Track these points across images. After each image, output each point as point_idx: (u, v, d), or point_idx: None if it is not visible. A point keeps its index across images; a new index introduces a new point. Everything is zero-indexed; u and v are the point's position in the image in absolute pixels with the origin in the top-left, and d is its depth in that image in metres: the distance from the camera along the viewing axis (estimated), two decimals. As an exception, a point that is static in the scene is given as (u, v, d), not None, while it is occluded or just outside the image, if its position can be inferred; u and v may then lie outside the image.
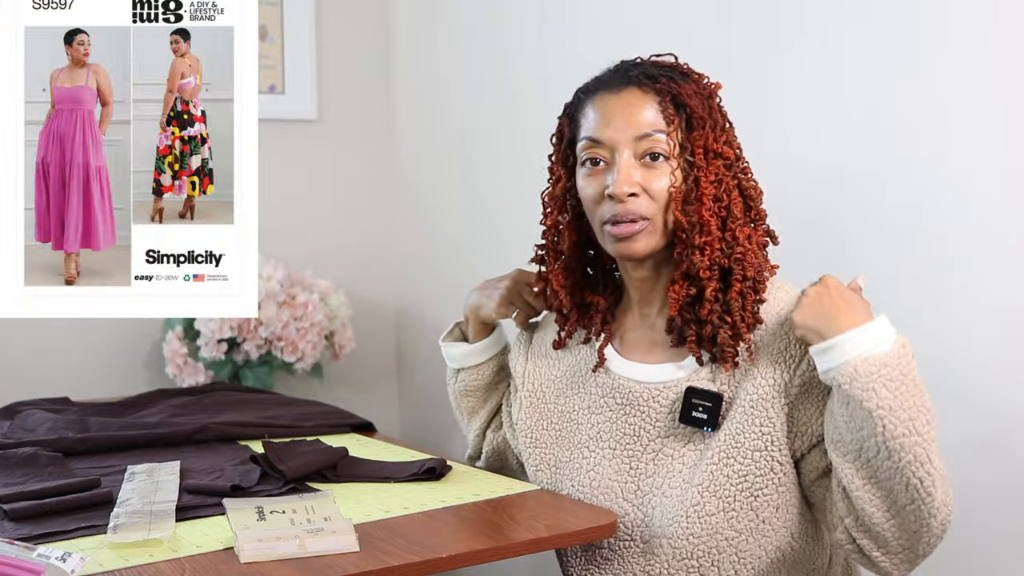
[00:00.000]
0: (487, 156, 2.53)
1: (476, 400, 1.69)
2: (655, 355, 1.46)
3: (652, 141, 1.38)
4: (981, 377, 1.60)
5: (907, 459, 1.23)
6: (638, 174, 1.38)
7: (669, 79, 1.41)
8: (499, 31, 2.48)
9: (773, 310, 1.39)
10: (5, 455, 1.66)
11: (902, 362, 1.24)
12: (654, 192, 1.38)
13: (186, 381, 2.42)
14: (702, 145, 1.38)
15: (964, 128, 1.60)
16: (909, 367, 1.25)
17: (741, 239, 1.37)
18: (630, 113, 1.39)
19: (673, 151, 1.38)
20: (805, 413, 1.35)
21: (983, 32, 1.58)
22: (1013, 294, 1.55)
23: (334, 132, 2.77)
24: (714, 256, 1.37)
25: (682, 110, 1.39)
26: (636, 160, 1.38)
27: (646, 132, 1.38)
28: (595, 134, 1.41)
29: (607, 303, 1.51)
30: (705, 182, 1.37)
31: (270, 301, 2.42)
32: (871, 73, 1.71)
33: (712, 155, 1.39)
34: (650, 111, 1.39)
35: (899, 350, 1.25)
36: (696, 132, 1.39)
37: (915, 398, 1.24)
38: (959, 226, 1.61)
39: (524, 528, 1.38)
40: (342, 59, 2.77)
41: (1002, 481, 1.58)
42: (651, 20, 2.07)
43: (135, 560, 1.25)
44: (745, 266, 1.37)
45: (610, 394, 1.47)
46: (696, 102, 1.39)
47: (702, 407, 1.36)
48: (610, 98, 1.41)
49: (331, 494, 1.48)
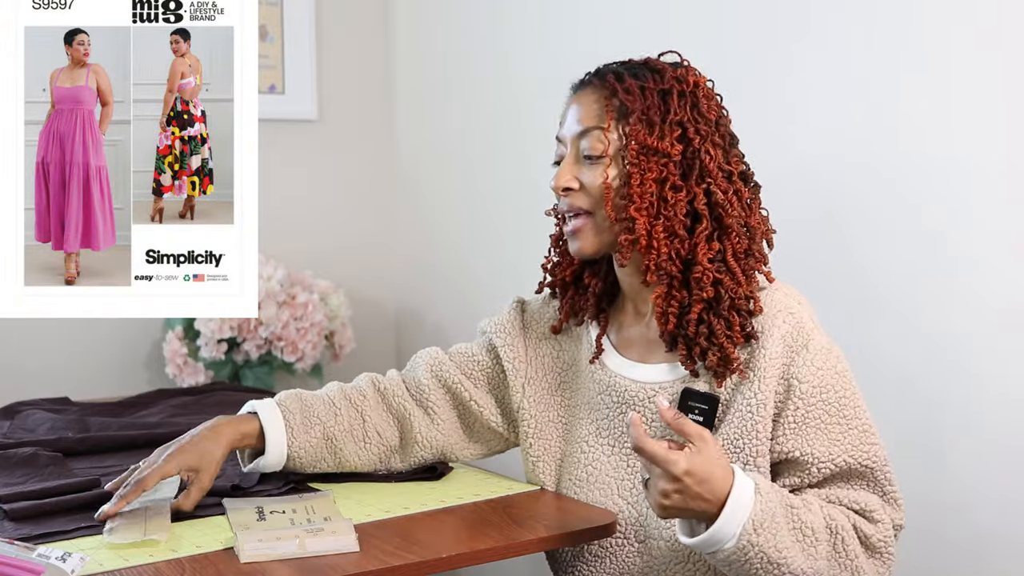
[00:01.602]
0: (487, 156, 2.53)
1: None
2: (652, 355, 1.45)
3: (588, 138, 1.41)
4: (982, 377, 1.60)
5: None
6: (577, 169, 1.42)
7: (618, 76, 1.41)
8: (499, 31, 2.48)
9: (770, 322, 1.37)
10: (5, 455, 1.66)
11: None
12: (588, 188, 1.41)
13: (186, 381, 2.42)
14: (636, 140, 1.38)
15: (966, 128, 1.60)
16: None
17: (700, 256, 1.36)
18: (577, 111, 1.44)
19: (607, 148, 1.40)
20: (779, 432, 1.36)
21: (985, 31, 1.57)
22: (1015, 294, 1.55)
23: (334, 132, 2.77)
24: (659, 261, 1.37)
25: (621, 105, 1.40)
26: (578, 158, 1.42)
27: (584, 129, 1.42)
28: (558, 133, 1.47)
29: (603, 287, 1.51)
30: (636, 179, 1.37)
31: (270, 301, 2.42)
32: (873, 73, 1.71)
33: (649, 151, 1.38)
34: (593, 108, 1.42)
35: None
36: (631, 128, 1.39)
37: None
38: (960, 226, 1.61)
39: (524, 528, 1.38)
40: (342, 59, 2.77)
41: (1003, 481, 1.58)
42: (651, 20, 2.07)
43: (135, 560, 1.25)
44: (702, 284, 1.36)
45: (607, 391, 1.47)
46: (635, 97, 1.39)
47: (699, 409, 1.36)
48: (571, 98, 1.47)
49: (331, 494, 1.48)
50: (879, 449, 1.36)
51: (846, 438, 1.34)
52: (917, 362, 1.67)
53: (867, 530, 1.33)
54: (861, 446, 1.35)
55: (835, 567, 1.29)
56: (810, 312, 1.41)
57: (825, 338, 1.37)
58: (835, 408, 1.35)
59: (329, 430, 1.53)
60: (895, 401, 1.69)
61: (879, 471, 1.36)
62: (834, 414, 1.34)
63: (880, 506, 1.35)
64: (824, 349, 1.36)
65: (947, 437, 1.64)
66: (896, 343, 1.69)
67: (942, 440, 1.65)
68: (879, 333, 1.71)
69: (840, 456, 1.34)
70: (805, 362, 1.34)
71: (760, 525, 1.24)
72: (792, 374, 1.34)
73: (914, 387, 1.67)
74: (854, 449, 1.34)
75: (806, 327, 1.36)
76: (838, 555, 1.30)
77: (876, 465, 1.35)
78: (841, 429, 1.34)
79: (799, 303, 1.40)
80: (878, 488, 1.36)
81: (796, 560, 1.26)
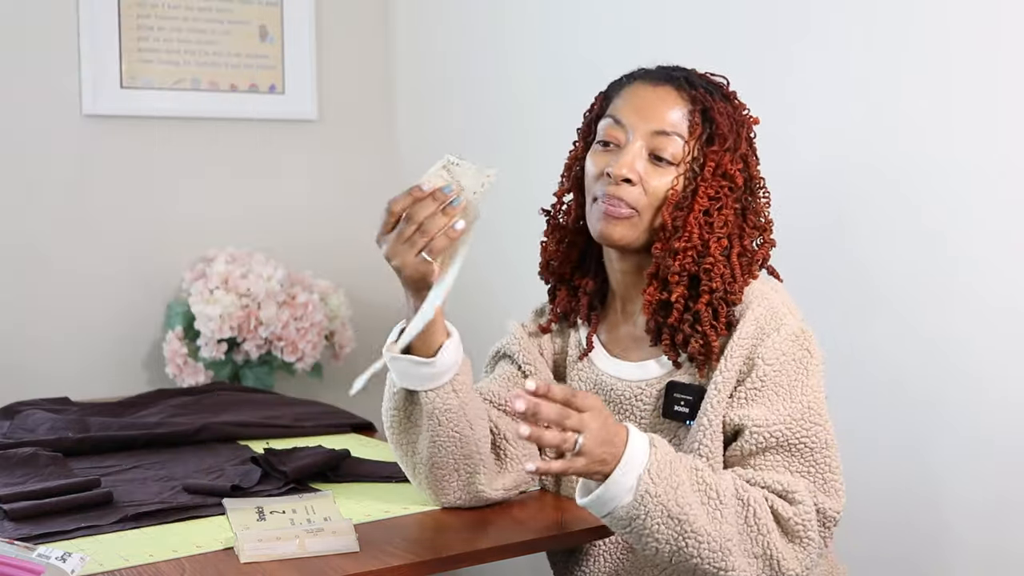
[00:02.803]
0: (487, 156, 2.52)
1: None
2: (638, 352, 1.46)
3: (667, 141, 1.39)
4: (982, 378, 1.60)
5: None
6: (642, 165, 1.39)
7: (708, 92, 1.42)
8: (500, 31, 2.48)
9: (745, 307, 1.37)
10: (5, 455, 1.66)
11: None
12: (651, 188, 1.39)
13: (186, 381, 2.42)
14: (715, 161, 1.39)
15: (966, 128, 1.60)
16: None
17: (713, 249, 1.37)
18: (658, 107, 1.40)
19: (684, 158, 1.39)
20: (730, 406, 1.35)
21: (985, 32, 1.58)
22: (1015, 294, 1.55)
23: (334, 132, 2.77)
24: (685, 262, 1.37)
25: (708, 124, 1.40)
26: (646, 153, 1.39)
27: (665, 130, 1.39)
28: (618, 115, 1.42)
29: (594, 287, 1.51)
30: (703, 195, 1.38)
31: (270, 301, 2.42)
32: (873, 73, 1.71)
33: (722, 174, 1.39)
34: (677, 113, 1.40)
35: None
36: (714, 148, 1.39)
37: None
38: (960, 226, 1.61)
39: (524, 528, 1.38)
40: (342, 59, 2.77)
41: (1004, 481, 1.58)
42: (651, 20, 2.07)
43: (135, 560, 1.25)
44: (712, 276, 1.36)
45: (594, 389, 1.47)
46: (725, 121, 1.40)
47: (684, 401, 1.36)
48: (646, 88, 1.43)
49: (331, 494, 1.47)
50: (821, 431, 1.33)
51: (786, 409, 1.32)
52: (915, 363, 1.67)
53: (783, 512, 1.28)
54: (801, 421, 1.32)
55: (746, 540, 1.26)
56: (785, 298, 1.41)
57: (799, 324, 1.37)
58: (784, 389, 1.34)
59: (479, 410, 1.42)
60: (891, 401, 1.69)
61: (818, 452, 1.32)
62: (782, 393, 1.33)
63: (805, 490, 1.30)
64: (793, 336, 1.35)
65: (946, 438, 1.64)
66: (895, 343, 1.69)
67: (942, 441, 1.65)
68: (878, 332, 1.71)
69: (776, 425, 1.31)
70: (772, 344, 1.34)
71: (657, 475, 1.20)
72: (758, 354, 1.34)
73: (912, 387, 1.67)
74: (793, 422, 1.32)
75: (779, 312, 1.37)
76: (748, 527, 1.26)
77: (815, 445, 1.32)
78: (784, 403, 1.33)
79: (774, 289, 1.41)
80: (814, 472, 1.32)
81: (699, 519, 1.22)
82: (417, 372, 1.34)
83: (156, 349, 2.54)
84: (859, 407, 1.72)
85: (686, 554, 1.23)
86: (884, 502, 1.70)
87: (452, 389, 1.36)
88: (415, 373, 1.35)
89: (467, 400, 1.37)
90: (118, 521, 1.39)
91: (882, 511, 1.70)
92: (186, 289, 2.46)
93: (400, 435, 1.41)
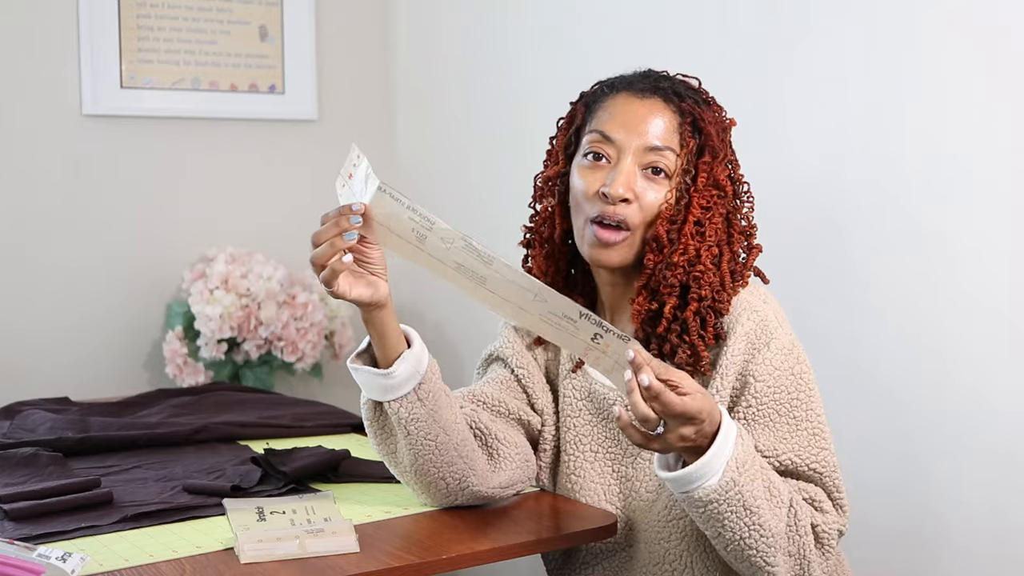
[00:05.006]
0: (487, 156, 2.53)
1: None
2: None
3: (660, 155, 1.39)
4: (980, 380, 1.59)
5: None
6: (637, 183, 1.38)
7: (695, 102, 1.42)
8: (499, 31, 2.48)
9: (735, 320, 1.37)
10: (5, 455, 1.67)
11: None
12: (645, 203, 1.38)
13: (186, 381, 2.42)
14: (707, 172, 1.39)
15: (966, 128, 1.60)
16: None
17: (704, 257, 1.37)
18: (648, 122, 1.39)
19: (677, 171, 1.39)
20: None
21: (985, 32, 1.57)
22: (1013, 296, 1.55)
23: (334, 132, 2.77)
24: (678, 273, 1.37)
25: (698, 135, 1.40)
26: (639, 168, 1.39)
27: (657, 145, 1.39)
28: (607, 130, 1.40)
29: (584, 303, 1.49)
30: (696, 205, 1.38)
31: (270, 301, 2.42)
32: (873, 73, 1.71)
33: (713, 184, 1.39)
34: (668, 127, 1.39)
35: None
36: (706, 158, 1.39)
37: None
38: (959, 228, 1.61)
39: (524, 528, 1.38)
40: (342, 59, 2.77)
41: (1004, 481, 1.58)
42: (651, 20, 2.07)
43: (135, 560, 1.25)
44: (702, 284, 1.36)
45: (587, 398, 1.47)
46: (713, 130, 1.40)
47: None
48: (633, 100, 1.41)
49: (331, 494, 1.48)
50: (828, 455, 1.36)
51: (794, 438, 1.34)
52: (912, 365, 1.67)
53: (815, 518, 1.32)
54: (809, 448, 1.34)
55: (788, 540, 1.28)
56: (776, 309, 1.41)
57: (789, 338, 1.37)
58: (785, 408, 1.34)
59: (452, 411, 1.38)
60: (886, 403, 1.69)
61: (827, 476, 1.35)
62: (784, 414, 1.34)
63: (827, 501, 1.34)
64: (784, 349, 1.36)
65: (941, 441, 1.64)
66: (892, 345, 1.69)
67: (937, 444, 1.65)
68: (875, 334, 1.71)
69: (785, 454, 1.34)
70: (764, 360, 1.34)
71: (742, 465, 1.23)
72: (750, 371, 1.35)
73: (908, 389, 1.67)
74: (801, 450, 1.34)
75: (770, 325, 1.37)
76: (789, 528, 1.29)
77: (825, 471, 1.35)
78: (789, 429, 1.34)
79: (764, 301, 1.40)
80: (824, 493, 1.36)
81: (765, 514, 1.25)
82: (377, 383, 1.33)
83: (156, 349, 2.54)
84: (854, 409, 1.72)
85: (745, 544, 1.25)
86: (879, 506, 1.70)
87: (417, 398, 1.33)
88: (375, 384, 1.33)
89: (437, 407, 1.34)
90: (118, 521, 1.39)
91: (878, 515, 1.70)
92: (186, 289, 2.46)
93: (379, 444, 1.40)
